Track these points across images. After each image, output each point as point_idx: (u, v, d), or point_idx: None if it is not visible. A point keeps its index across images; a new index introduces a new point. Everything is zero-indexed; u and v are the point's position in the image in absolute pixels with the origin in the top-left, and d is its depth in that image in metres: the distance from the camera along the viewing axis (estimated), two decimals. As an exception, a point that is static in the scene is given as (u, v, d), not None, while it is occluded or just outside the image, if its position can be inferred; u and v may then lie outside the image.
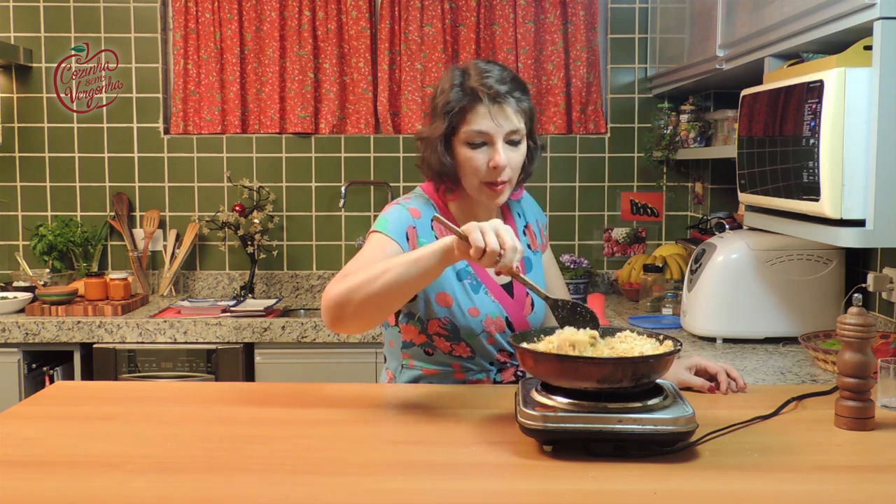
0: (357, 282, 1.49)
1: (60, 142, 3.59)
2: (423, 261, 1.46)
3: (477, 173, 1.67)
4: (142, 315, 3.13)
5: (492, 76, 1.66)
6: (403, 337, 1.78)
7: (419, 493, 1.20)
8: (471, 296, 1.72)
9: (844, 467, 1.31)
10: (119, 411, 1.57)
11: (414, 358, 1.78)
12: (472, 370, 1.76)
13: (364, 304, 1.48)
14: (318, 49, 3.57)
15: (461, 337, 1.72)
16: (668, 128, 3.36)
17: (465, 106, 1.65)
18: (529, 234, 1.88)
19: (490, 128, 1.65)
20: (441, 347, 1.74)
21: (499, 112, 1.65)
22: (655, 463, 1.27)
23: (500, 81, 1.66)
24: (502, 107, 1.65)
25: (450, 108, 1.67)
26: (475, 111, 1.65)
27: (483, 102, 1.64)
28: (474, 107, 1.65)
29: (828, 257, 2.43)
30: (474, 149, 1.66)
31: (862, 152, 1.68)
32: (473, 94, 1.65)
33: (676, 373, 1.66)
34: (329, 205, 3.63)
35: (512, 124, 1.66)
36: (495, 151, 1.65)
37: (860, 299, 1.46)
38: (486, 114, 1.64)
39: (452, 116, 1.67)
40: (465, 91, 1.66)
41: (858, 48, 1.73)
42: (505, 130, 1.65)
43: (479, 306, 1.72)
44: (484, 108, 1.64)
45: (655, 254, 3.42)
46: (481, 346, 1.74)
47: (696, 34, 2.84)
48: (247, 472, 1.26)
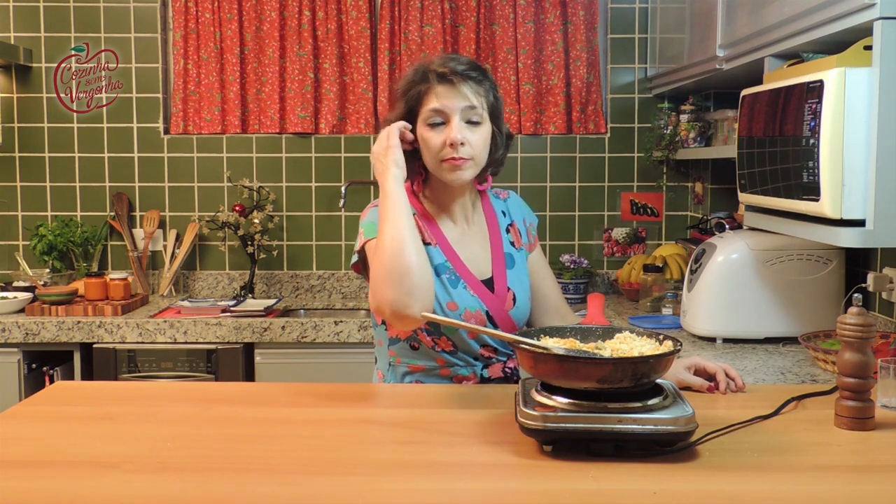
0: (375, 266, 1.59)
1: (60, 142, 3.59)
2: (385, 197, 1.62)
3: (435, 152, 1.70)
4: (142, 315, 3.13)
5: (450, 60, 1.72)
6: (390, 333, 1.80)
7: (419, 493, 1.20)
8: (449, 290, 1.74)
9: (844, 467, 1.31)
10: (119, 411, 1.57)
11: (400, 354, 1.80)
12: (456, 365, 1.77)
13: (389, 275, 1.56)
14: (318, 49, 3.57)
15: (442, 331, 1.74)
16: (668, 128, 3.36)
17: (421, 89, 1.72)
18: (513, 232, 1.89)
19: (444, 106, 1.69)
20: (425, 342, 1.76)
21: (453, 90, 1.70)
22: (655, 463, 1.27)
23: (456, 63, 1.71)
24: (456, 86, 1.69)
25: (407, 90, 1.74)
26: (431, 91, 1.71)
27: (439, 82, 1.70)
28: (430, 87, 1.71)
29: (828, 257, 2.43)
30: (433, 128, 1.71)
31: (862, 152, 1.69)
32: (429, 75, 1.71)
33: (676, 373, 1.66)
34: (329, 205, 3.63)
35: (467, 101, 1.69)
36: (450, 128, 1.69)
37: (860, 299, 1.46)
38: (441, 93, 1.70)
39: (410, 99, 1.73)
40: (422, 74, 1.73)
41: (858, 48, 1.73)
42: (460, 107, 1.69)
43: (457, 300, 1.74)
44: (441, 88, 1.70)
45: (655, 254, 3.42)
46: (462, 341, 1.75)
47: (695, 34, 2.84)
48: (247, 472, 1.26)
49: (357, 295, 3.65)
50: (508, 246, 1.86)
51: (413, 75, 1.74)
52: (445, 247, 1.78)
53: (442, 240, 1.78)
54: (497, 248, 1.84)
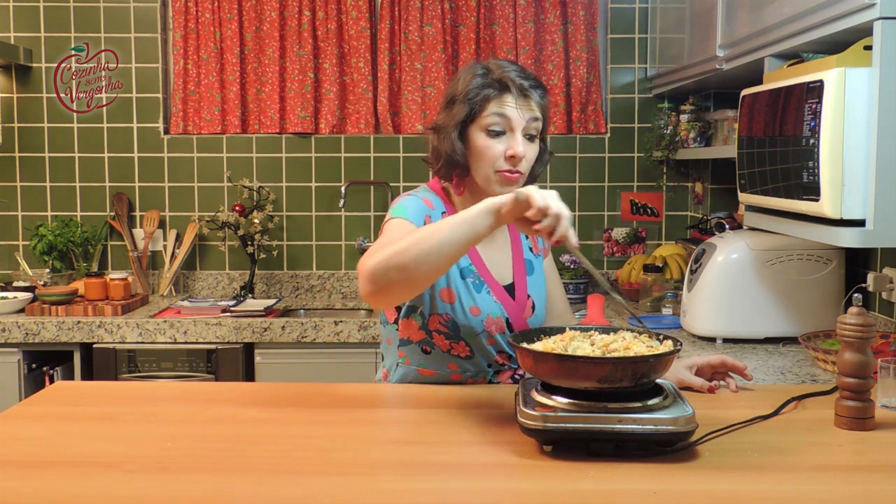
0: (402, 245, 1.43)
1: (60, 142, 3.59)
2: (471, 220, 1.41)
3: (493, 162, 1.66)
4: (142, 315, 3.13)
5: (516, 70, 1.68)
6: (401, 334, 1.77)
7: (419, 494, 1.20)
8: (473, 294, 1.72)
9: (844, 467, 1.31)
10: (119, 411, 1.57)
11: (411, 357, 1.77)
12: (469, 371, 1.75)
13: (412, 265, 1.41)
14: (318, 49, 3.57)
15: (461, 336, 1.71)
16: (668, 128, 3.36)
17: (489, 94, 1.66)
18: (531, 237, 1.88)
19: (513, 116, 1.65)
20: (440, 345, 1.73)
21: (524, 103, 1.66)
22: (655, 463, 1.27)
23: (524, 76, 1.67)
24: (527, 98, 1.66)
25: (473, 94, 1.67)
26: (501, 100, 1.65)
27: (510, 92, 1.65)
28: (501, 95, 1.66)
29: (828, 257, 2.43)
30: (492, 137, 1.66)
31: (862, 152, 1.68)
32: (501, 83, 1.66)
33: (676, 373, 1.66)
34: (329, 205, 3.63)
35: (533, 114, 1.66)
36: (514, 140, 1.65)
37: (860, 299, 1.46)
38: (511, 102, 1.65)
39: (475, 103, 1.66)
40: (491, 81, 1.67)
41: (858, 48, 1.73)
42: (526, 121, 1.66)
43: (480, 305, 1.72)
44: (511, 98, 1.65)
45: (655, 254, 3.42)
46: (481, 346, 1.73)
47: (696, 34, 2.84)
48: (247, 472, 1.25)
49: (357, 295, 3.65)
50: (527, 252, 1.85)
51: (477, 80, 1.67)
52: (471, 251, 1.75)
53: None
54: (518, 254, 1.83)
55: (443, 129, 1.71)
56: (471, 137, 1.68)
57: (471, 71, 1.71)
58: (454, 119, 1.69)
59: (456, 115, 1.69)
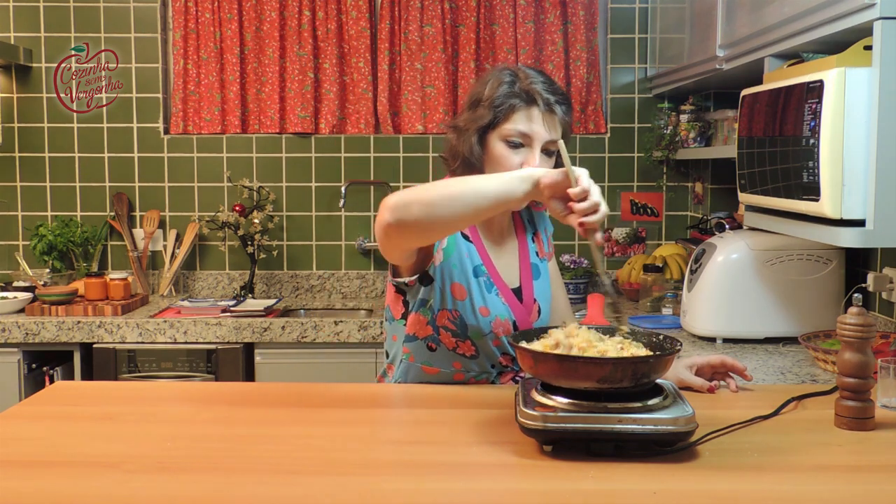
0: (432, 185, 1.45)
1: (60, 142, 3.59)
2: (508, 181, 1.42)
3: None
4: (142, 315, 3.13)
5: (543, 82, 1.66)
6: (408, 330, 1.76)
7: (419, 493, 1.20)
8: (484, 294, 1.72)
9: (844, 467, 1.31)
10: (119, 411, 1.57)
11: (415, 354, 1.77)
12: (472, 371, 1.75)
13: (437, 203, 1.42)
14: (318, 49, 3.57)
15: (468, 335, 1.71)
16: (668, 128, 3.36)
17: (514, 103, 1.65)
18: (538, 242, 1.88)
19: (535, 132, 1.64)
20: (446, 343, 1.73)
21: (548, 119, 1.65)
22: (655, 463, 1.27)
23: (551, 90, 1.66)
24: (552, 115, 1.65)
25: (499, 102, 1.66)
26: (526, 112, 1.64)
27: (537, 106, 1.64)
28: (528, 108, 1.65)
29: (828, 257, 2.43)
30: (511, 148, 1.66)
31: (862, 152, 1.68)
32: (529, 96, 1.65)
33: (676, 373, 1.66)
34: (329, 205, 3.63)
35: (555, 132, 1.66)
36: (532, 156, 1.64)
37: (860, 299, 1.46)
38: (536, 117, 1.64)
39: (500, 111, 1.65)
40: (518, 91, 1.66)
41: (858, 48, 1.73)
42: (546, 138, 1.65)
43: (490, 306, 1.72)
44: (536, 112, 1.64)
45: (655, 254, 3.42)
46: (487, 347, 1.73)
47: (695, 34, 2.84)
48: (247, 472, 1.25)
49: (357, 295, 3.65)
50: (534, 256, 1.85)
51: (504, 88, 1.66)
52: (482, 251, 1.75)
53: (479, 243, 1.76)
54: (525, 258, 1.83)
55: (463, 131, 1.71)
56: (490, 144, 1.68)
57: (499, 76, 1.69)
58: (476, 123, 1.68)
59: (478, 119, 1.68)
